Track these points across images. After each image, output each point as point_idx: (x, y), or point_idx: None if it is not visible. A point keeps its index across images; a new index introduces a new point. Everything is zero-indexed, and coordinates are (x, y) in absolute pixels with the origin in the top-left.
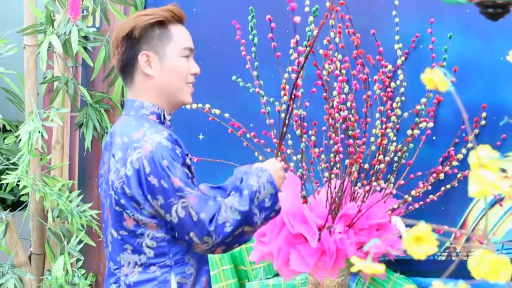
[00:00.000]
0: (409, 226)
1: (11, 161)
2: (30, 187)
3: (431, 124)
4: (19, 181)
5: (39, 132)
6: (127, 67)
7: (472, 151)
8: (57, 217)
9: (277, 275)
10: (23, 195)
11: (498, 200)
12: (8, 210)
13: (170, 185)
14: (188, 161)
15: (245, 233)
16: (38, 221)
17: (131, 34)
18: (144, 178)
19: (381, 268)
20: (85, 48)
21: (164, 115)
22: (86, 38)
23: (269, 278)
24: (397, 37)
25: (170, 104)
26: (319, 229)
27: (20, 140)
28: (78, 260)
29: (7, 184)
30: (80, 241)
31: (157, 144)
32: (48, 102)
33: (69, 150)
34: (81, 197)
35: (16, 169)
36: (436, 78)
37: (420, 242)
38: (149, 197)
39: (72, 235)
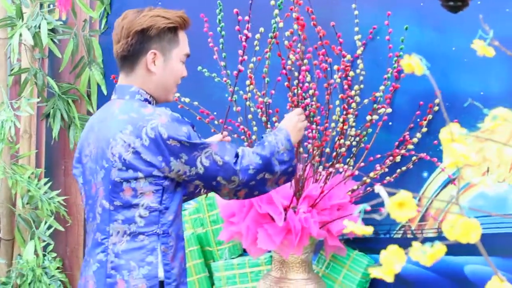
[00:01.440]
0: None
1: None
2: (2, 174)
3: (389, 110)
4: None
5: (12, 121)
6: (132, 58)
7: (443, 128)
8: (27, 203)
9: (241, 255)
10: None
11: (452, 180)
12: None
13: (191, 143)
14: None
15: (266, 180)
16: (7, 208)
17: (147, 31)
18: (163, 144)
19: (370, 229)
20: (52, 41)
21: (153, 103)
22: (53, 30)
23: (233, 258)
24: (356, 29)
25: (158, 99)
26: (285, 209)
27: None
28: (47, 245)
29: None
30: (49, 227)
31: (170, 115)
32: (15, 93)
33: (36, 140)
34: (49, 184)
35: None
36: (413, 63)
37: (402, 207)
38: (171, 158)
39: (41, 220)
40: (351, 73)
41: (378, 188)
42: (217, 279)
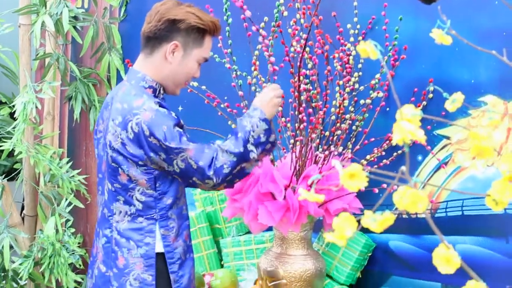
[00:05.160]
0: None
1: (6, 131)
2: (24, 153)
3: (380, 95)
4: (13, 150)
5: (33, 103)
6: (155, 41)
7: (398, 110)
8: (49, 181)
9: (247, 232)
10: (16, 162)
11: (442, 164)
12: (3, 176)
13: (168, 146)
14: (181, 121)
15: (244, 168)
16: (31, 186)
17: (177, 22)
18: (144, 140)
19: (321, 198)
20: (74, 27)
21: (159, 90)
22: (75, 18)
23: (240, 235)
24: (355, 19)
25: (166, 89)
26: (285, 188)
27: (14, 111)
28: (67, 221)
29: (2, 151)
30: (69, 204)
31: (155, 111)
32: (39, 77)
33: (59, 121)
34: (70, 163)
35: (10, 138)
36: (368, 49)
37: (353, 178)
38: (151, 154)
39: (62, 198)
40: (351, 61)
41: (334, 162)
42: (225, 255)
